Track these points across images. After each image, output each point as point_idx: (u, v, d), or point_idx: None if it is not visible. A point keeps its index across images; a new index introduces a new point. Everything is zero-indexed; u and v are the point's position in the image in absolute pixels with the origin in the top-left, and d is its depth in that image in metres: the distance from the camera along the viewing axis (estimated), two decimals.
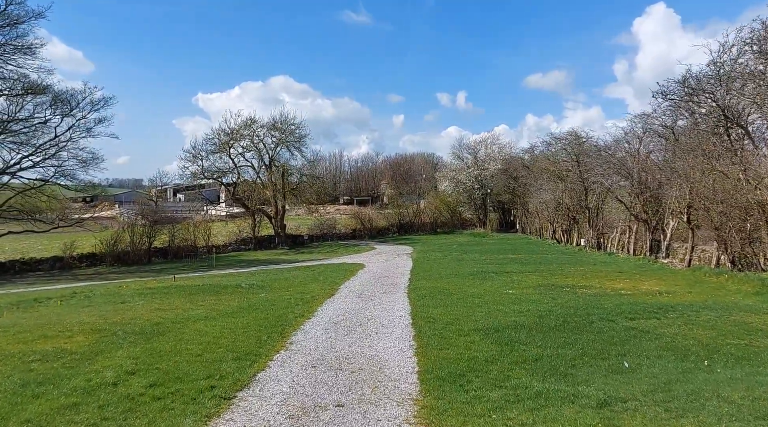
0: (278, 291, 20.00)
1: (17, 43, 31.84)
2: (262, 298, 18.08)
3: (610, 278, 21.85)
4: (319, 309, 15.47)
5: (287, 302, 16.68)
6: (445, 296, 17.48)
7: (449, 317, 13.66)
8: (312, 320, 13.85)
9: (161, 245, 43.00)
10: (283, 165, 49.14)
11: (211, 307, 16.13)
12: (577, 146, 38.52)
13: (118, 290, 20.77)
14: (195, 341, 11.03)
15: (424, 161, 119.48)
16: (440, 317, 13.82)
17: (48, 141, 34.17)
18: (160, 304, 16.91)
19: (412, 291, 19.20)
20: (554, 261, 29.96)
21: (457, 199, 61.82)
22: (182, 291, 20.08)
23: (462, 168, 62.54)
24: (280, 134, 48.30)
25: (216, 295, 19.18)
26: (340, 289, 20.17)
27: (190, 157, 46.33)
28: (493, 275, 23.56)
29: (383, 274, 25.60)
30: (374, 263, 31.43)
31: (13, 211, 35.28)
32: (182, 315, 14.44)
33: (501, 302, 16.16)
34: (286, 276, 25.60)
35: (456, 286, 20.17)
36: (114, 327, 12.55)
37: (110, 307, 16.39)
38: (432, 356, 9.96)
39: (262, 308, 15.72)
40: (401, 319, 13.98)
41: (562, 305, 15.31)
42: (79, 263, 38.38)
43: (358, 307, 15.95)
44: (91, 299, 18.67)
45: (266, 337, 11.58)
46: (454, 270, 25.81)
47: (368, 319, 14.02)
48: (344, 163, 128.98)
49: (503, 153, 61.87)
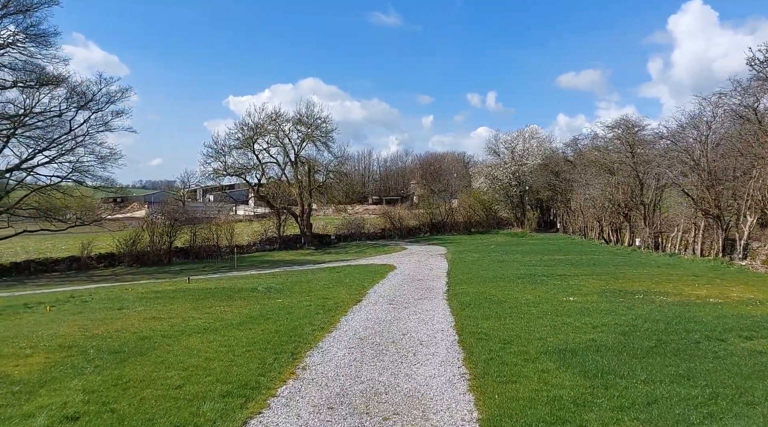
0: (298, 296, 17.41)
1: (31, 31, 30.18)
2: (278, 304, 15.49)
3: (685, 283, 18.57)
4: (343, 320, 12.77)
5: (306, 310, 14.04)
6: (494, 304, 14.59)
7: (506, 333, 10.79)
8: (333, 334, 11.15)
9: (182, 245, 41.07)
10: (308, 161, 46.65)
11: (216, 315, 13.61)
12: (631, 135, 34.87)
13: (121, 294, 18.50)
14: (179, 365, 8.44)
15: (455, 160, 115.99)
16: (494, 332, 10.96)
17: (63, 135, 32.44)
18: (159, 311, 14.49)
19: (452, 297, 16.35)
20: (609, 263, 26.65)
21: (493, 197, 58.38)
22: (190, 295, 17.67)
23: (498, 164, 59.10)
24: (306, 129, 45.86)
25: (227, 300, 16.69)
26: (368, 294, 17.45)
27: (212, 152, 44.24)
28: (544, 278, 20.50)
29: (416, 276, 22.81)
30: (406, 265, 28.65)
31: (30, 209, 33.72)
32: (178, 326, 11.93)
33: (565, 312, 13.19)
34: (308, 278, 23.03)
35: (504, 291, 17.24)
36: (89, 343, 10.09)
37: (102, 314, 14.03)
38: (495, 393, 7.14)
39: (275, 317, 13.11)
40: (444, 334, 11.17)
41: (644, 317, 12.25)
42: (97, 263, 36.62)
43: (389, 317, 13.20)
44: (87, 304, 16.40)
45: (273, 359, 8.93)
46: (498, 272, 22.83)
47: (403, 333, 11.25)
48: (373, 163, 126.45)
49: (543, 148, 58.25)
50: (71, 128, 32.51)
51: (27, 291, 24.87)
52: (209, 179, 45.08)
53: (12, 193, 32.64)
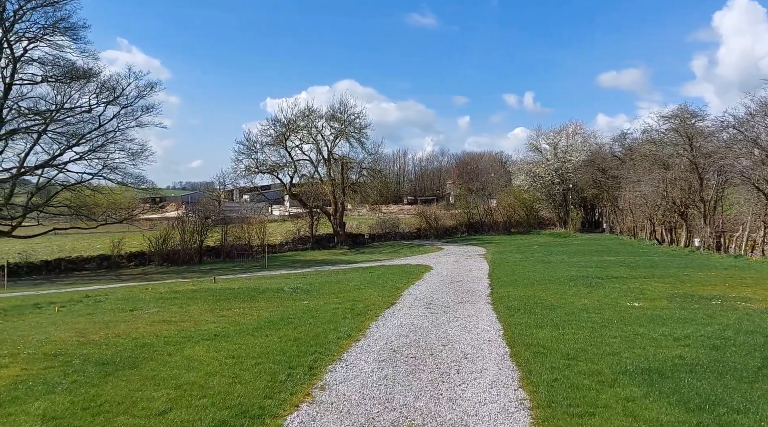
0: (326, 297, 15.87)
1: (60, 25, 29.65)
2: (303, 307, 13.97)
3: (766, 287, 16.22)
4: (374, 326, 11.12)
5: (332, 314, 12.46)
6: (547, 310, 12.71)
7: (568, 346, 8.95)
8: (361, 343, 9.52)
9: (213, 243, 40.26)
10: (342, 158, 45.26)
11: (232, 319, 12.17)
12: (689, 126, 31.99)
13: (138, 294, 17.32)
14: (171, 382, 6.95)
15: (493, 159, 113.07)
16: (553, 343, 9.14)
17: (92, 130, 31.86)
18: (172, 313, 13.16)
19: (497, 301, 14.52)
20: (668, 264, 24.24)
21: (534, 195, 55.74)
22: (211, 296, 16.34)
23: (540, 161, 56.39)
24: (340, 125, 44.45)
25: (249, 301, 15.29)
26: (403, 296, 15.77)
27: (244, 149, 43.28)
28: (599, 280, 18.40)
29: (455, 278, 21.00)
30: (443, 265, 26.83)
31: (61, 207, 33.31)
32: (187, 331, 10.51)
33: (633, 320, 11.22)
34: (339, 278, 21.50)
35: (556, 295, 15.30)
36: (79, 350, 8.73)
37: (110, 316, 12.78)
38: None
39: (297, 321, 11.57)
40: (492, 345, 9.40)
41: (734, 328, 10.19)
42: (128, 262, 36.07)
43: (426, 323, 11.48)
44: (101, 304, 15.24)
45: (286, 375, 7.35)
46: (545, 274, 20.81)
47: (443, 344, 9.53)
48: (408, 163, 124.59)
49: (587, 143, 55.30)
50: (100, 124, 31.90)
51: (49, 290, 24.14)
52: (241, 177, 44.13)
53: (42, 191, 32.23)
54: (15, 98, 29.67)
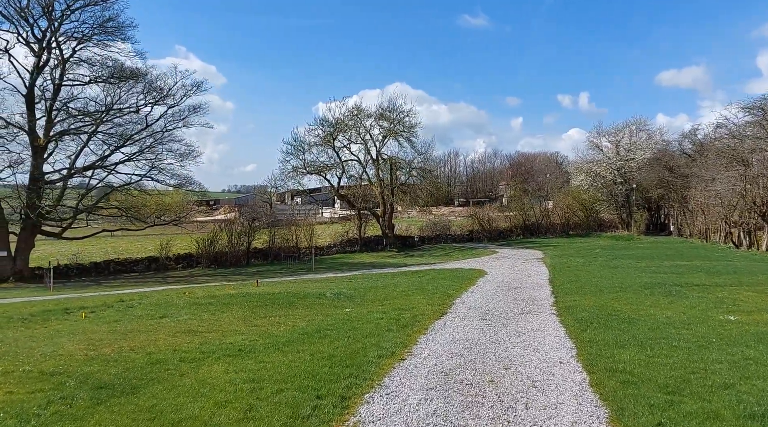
0: (370, 304, 14.48)
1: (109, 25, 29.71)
2: (344, 315, 12.62)
3: None
4: (422, 341, 9.61)
5: (375, 325, 11.03)
6: (626, 323, 10.86)
7: (664, 374, 7.18)
8: (406, 363, 8.04)
9: (261, 245, 39.73)
10: (391, 158, 43.85)
11: (264, 329, 10.95)
12: None
13: (172, 300, 16.40)
14: (167, 418, 5.66)
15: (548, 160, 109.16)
16: (642, 369, 7.39)
17: (139, 130, 31.81)
18: (201, 321, 12.08)
19: (563, 311, 12.72)
20: (754, 270, 21.59)
21: (594, 196, 52.58)
22: (248, 302, 15.24)
23: (600, 160, 53.11)
24: (389, 124, 43.07)
25: (286, 308, 14.09)
26: (455, 305, 14.17)
27: (291, 150, 42.52)
28: (679, 288, 16.20)
29: (513, 284, 19.19)
30: (498, 270, 24.98)
31: (111, 208, 33.49)
32: (210, 344, 9.32)
33: (737, 339, 9.26)
34: (385, 283, 20.07)
35: (631, 305, 13.35)
36: (81, 368, 7.64)
37: (134, 325, 11.82)
38: None
39: (335, 333, 10.21)
40: (565, 368, 7.73)
41: None
42: (175, 264, 35.88)
43: (483, 338, 9.88)
44: (131, 310, 14.39)
45: (311, 408, 5.96)
46: (614, 281, 18.69)
47: (505, 366, 7.92)
48: (459, 164, 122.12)
49: (653, 140, 51.68)
50: (147, 124, 31.82)
51: (90, 293, 23.79)
52: (289, 178, 43.29)
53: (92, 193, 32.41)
54: (64, 100, 29.90)
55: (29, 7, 27.37)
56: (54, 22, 28.30)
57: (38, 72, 28.91)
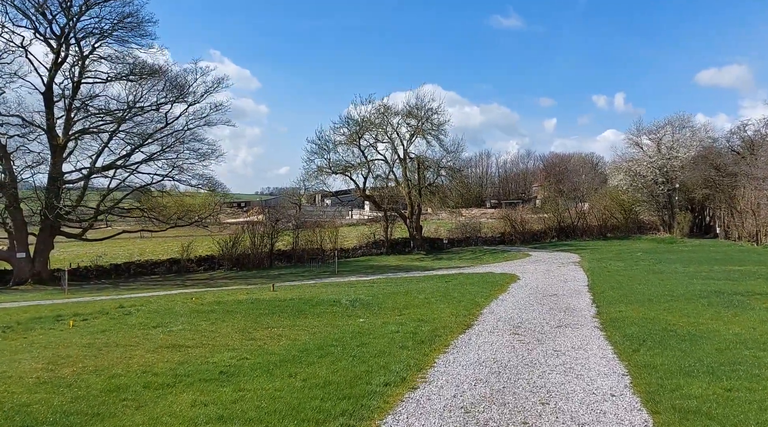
0: (387, 314, 12.98)
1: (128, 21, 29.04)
2: (355, 327, 11.16)
3: None
4: (440, 362, 8.07)
5: (388, 340, 9.53)
6: (686, 342, 9.10)
7: (756, 419, 5.46)
8: (418, 394, 6.51)
9: (285, 247, 38.65)
10: (418, 157, 42.17)
11: (261, 343, 9.59)
12: None
13: (173, 307, 15.17)
14: None
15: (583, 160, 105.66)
16: (723, 410, 5.73)
17: (160, 129, 31.01)
18: (195, 333, 10.80)
19: (609, 325, 10.98)
20: None
21: (633, 197, 49.83)
22: (254, 310, 13.92)
23: (641, 158, 50.24)
24: (417, 122, 41.42)
25: (295, 317, 12.71)
26: (482, 315, 12.55)
27: (315, 149, 41.23)
28: (741, 298, 14.22)
29: (548, 290, 17.42)
30: (532, 274, 23.16)
31: (132, 208, 32.87)
32: (190, 364, 7.96)
33: None
34: (408, 289, 18.51)
35: (687, 318, 11.52)
36: (20, 398, 6.34)
37: (118, 337, 10.60)
38: None
39: (338, 351, 8.74)
40: (619, 404, 6.09)
41: None
42: (197, 266, 35.06)
43: (514, 359, 8.27)
44: (127, 317, 13.21)
45: None
46: (662, 288, 16.72)
47: (542, 400, 6.32)
48: (491, 165, 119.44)
49: (697, 138, 48.60)
50: (167, 122, 31.00)
51: (101, 296, 22.96)
52: (313, 177, 41.97)
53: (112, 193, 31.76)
54: (84, 98, 29.34)
55: (47, 2, 26.87)
56: (72, 18, 27.75)
57: (56, 69, 28.39)
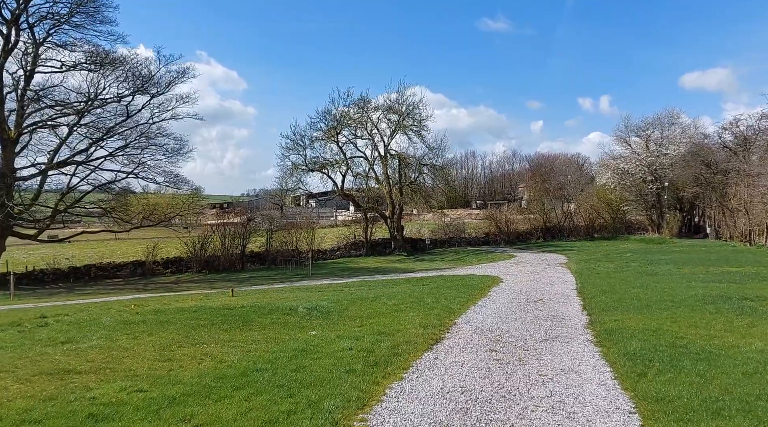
0: (345, 324, 11.09)
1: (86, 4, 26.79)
2: (303, 342, 9.25)
3: None
4: (391, 394, 6.21)
5: (335, 362, 7.64)
6: (703, 363, 7.34)
7: None
8: None
9: (258, 249, 36.56)
10: (399, 154, 40.31)
11: (176, 365, 7.68)
12: None
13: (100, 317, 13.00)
14: None
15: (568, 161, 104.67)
16: None
17: (120, 122, 28.77)
18: (104, 352, 8.85)
19: (605, 339, 9.20)
20: None
21: (621, 196, 48.41)
22: (194, 320, 11.95)
23: (629, 156, 48.84)
24: (398, 117, 39.54)
25: (237, 329, 10.80)
26: (456, 325, 10.71)
27: (290, 144, 39.06)
28: (750, 303, 12.58)
29: (533, 295, 15.65)
30: (515, 277, 21.42)
31: (93, 208, 30.61)
32: (58, 402, 6.04)
33: None
34: (378, 293, 16.62)
35: (696, 328, 9.78)
36: None
37: (7, 356, 8.65)
38: None
39: (263, 380, 6.82)
40: None
41: None
42: (164, 268, 32.83)
43: (488, 391, 6.43)
44: (39, 330, 11.17)
45: None
46: (661, 292, 15.02)
47: None
48: (477, 166, 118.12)
49: (687, 134, 47.32)
50: (129, 115, 28.74)
51: (52, 302, 20.88)
52: (288, 175, 39.79)
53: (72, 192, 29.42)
54: (38, 88, 27.06)
55: None
56: (23, 0, 25.49)
57: (6, 56, 26.11)
